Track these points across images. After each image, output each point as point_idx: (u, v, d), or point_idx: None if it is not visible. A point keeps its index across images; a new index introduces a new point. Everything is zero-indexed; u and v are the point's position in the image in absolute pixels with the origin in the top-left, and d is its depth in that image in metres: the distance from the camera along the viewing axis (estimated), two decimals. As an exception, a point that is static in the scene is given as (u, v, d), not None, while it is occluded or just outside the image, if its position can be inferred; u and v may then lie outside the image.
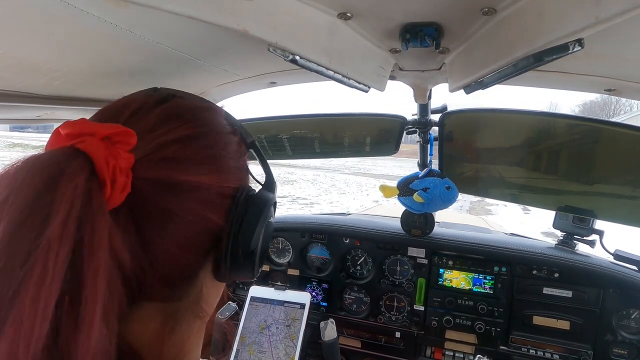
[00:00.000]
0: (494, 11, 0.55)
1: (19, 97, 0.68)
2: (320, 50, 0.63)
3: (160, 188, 0.37)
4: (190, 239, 0.40)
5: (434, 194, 1.23)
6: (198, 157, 0.40)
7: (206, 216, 0.40)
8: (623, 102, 35.66)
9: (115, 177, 0.32)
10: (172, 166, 0.38)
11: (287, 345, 1.09)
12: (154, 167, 0.37)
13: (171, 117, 0.41)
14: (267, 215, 0.45)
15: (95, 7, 0.48)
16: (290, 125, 1.34)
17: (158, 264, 0.38)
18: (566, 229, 1.32)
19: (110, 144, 0.33)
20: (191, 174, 0.39)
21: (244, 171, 0.47)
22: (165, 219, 0.38)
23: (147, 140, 0.37)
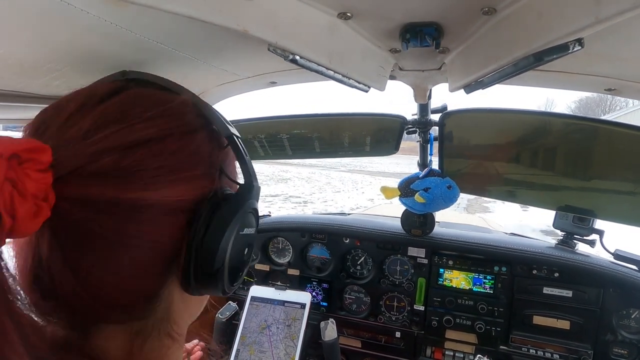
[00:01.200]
0: (494, 11, 0.55)
1: (19, 97, 0.68)
2: (320, 50, 0.63)
3: (91, 209, 0.32)
4: (136, 266, 0.34)
5: (435, 193, 1.23)
6: (144, 169, 0.33)
7: (156, 239, 0.35)
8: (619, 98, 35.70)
9: (14, 206, 0.27)
10: (107, 182, 0.32)
11: (288, 345, 1.09)
12: (82, 184, 0.31)
13: (114, 117, 0.34)
14: (238, 225, 0.38)
15: (95, 7, 0.48)
16: (290, 125, 1.34)
17: (98, 292, 0.34)
18: (566, 228, 1.32)
19: (17, 164, 0.28)
20: (133, 190, 0.33)
21: (214, 173, 0.40)
22: (101, 247, 0.33)
23: (77, 151, 0.32)
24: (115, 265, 0.34)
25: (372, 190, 13.51)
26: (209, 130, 0.41)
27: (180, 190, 0.36)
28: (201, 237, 0.36)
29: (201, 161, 0.38)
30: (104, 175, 0.32)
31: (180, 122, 0.38)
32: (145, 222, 0.34)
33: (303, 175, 17.58)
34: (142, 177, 0.33)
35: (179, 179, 0.36)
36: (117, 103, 0.36)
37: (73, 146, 0.32)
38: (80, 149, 0.32)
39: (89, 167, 0.32)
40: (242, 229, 0.40)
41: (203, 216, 0.37)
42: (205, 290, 0.39)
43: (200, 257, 0.36)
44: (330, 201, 11.35)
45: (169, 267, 0.37)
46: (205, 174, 0.39)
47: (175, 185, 0.35)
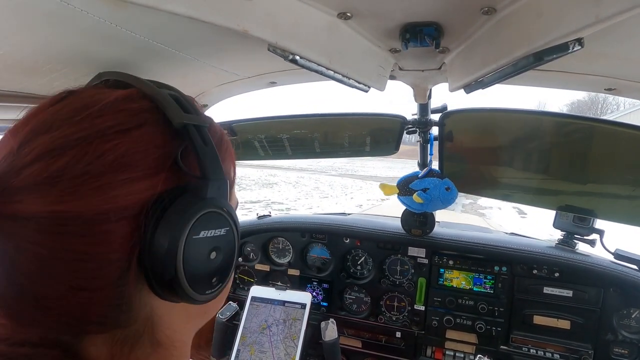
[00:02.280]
0: (494, 11, 0.55)
1: (19, 97, 0.68)
2: (320, 50, 0.63)
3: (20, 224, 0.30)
4: (79, 277, 0.32)
5: (433, 194, 1.23)
6: (67, 177, 0.31)
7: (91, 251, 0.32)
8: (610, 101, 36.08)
9: None
10: (32, 195, 0.30)
11: (288, 345, 1.09)
12: (10, 200, 0.30)
13: (44, 127, 0.33)
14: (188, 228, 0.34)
15: (95, 7, 0.48)
16: (290, 125, 1.34)
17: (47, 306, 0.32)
18: (566, 228, 1.32)
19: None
20: (56, 203, 0.30)
21: (163, 170, 0.35)
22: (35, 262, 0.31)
23: (6, 168, 0.31)
24: (54, 278, 0.32)
25: (362, 196, 13.18)
26: (159, 124, 0.37)
27: (111, 196, 0.32)
28: (148, 245, 0.34)
29: (139, 161, 0.34)
30: (27, 189, 0.30)
31: (113, 122, 0.34)
32: (73, 234, 0.31)
33: (291, 180, 17.20)
34: (65, 186, 0.31)
35: (107, 184, 0.32)
36: (49, 113, 0.34)
37: (3, 164, 0.31)
38: (9, 166, 0.31)
39: (13, 182, 0.30)
40: (197, 232, 0.35)
41: (147, 221, 0.34)
42: (176, 299, 0.36)
43: (151, 266, 0.34)
44: (316, 207, 10.89)
45: (125, 276, 0.34)
46: (148, 174, 0.34)
47: (104, 191, 0.32)
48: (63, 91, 0.38)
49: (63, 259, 0.31)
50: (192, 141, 0.37)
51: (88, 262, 0.32)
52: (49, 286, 0.32)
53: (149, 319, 0.37)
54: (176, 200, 0.35)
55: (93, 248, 0.32)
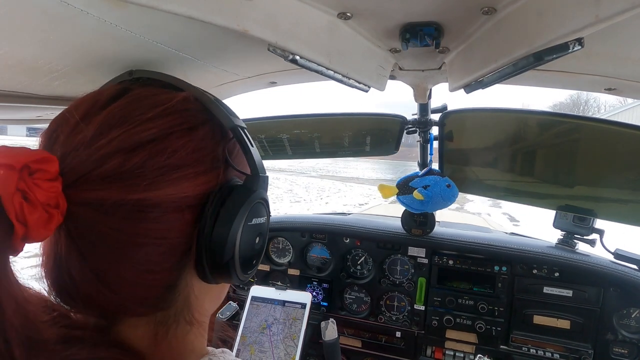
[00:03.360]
0: (494, 10, 0.55)
1: (19, 97, 0.68)
2: (320, 50, 0.63)
3: (100, 211, 0.33)
4: (150, 261, 0.36)
5: (434, 191, 1.23)
6: (146, 169, 0.35)
7: (164, 236, 0.36)
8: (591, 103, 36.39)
9: (25, 215, 0.29)
10: (112, 184, 0.33)
11: (288, 345, 1.09)
12: (90, 189, 0.33)
13: (116, 122, 0.36)
14: (245, 216, 0.39)
15: (95, 7, 0.48)
16: (290, 125, 1.34)
17: (117, 288, 0.36)
18: (566, 228, 1.32)
19: (28, 175, 0.30)
20: (137, 192, 0.34)
21: (219, 166, 0.40)
22: (114, 246, 0.34)
23: (83, 157, 0.33)
24: (129, 262, 0.35)
25: (339, 199, 12.14)
26: (212, 124, 0.41)
27: (184, 187, 0.36)
28: (210, 231, 0.37)
29: (204, 157, 0.39)
30: (108, 179, 0.33)
31: (181, 120, 0.38)
32: (152, 220, 0.35)
33: (264, 182, 16.65)
34: (145, 178, 0.34)
35: (182, 177, 0.36)
36: (118, 107, 0.37)
37: (79, 153, 0.34)
38: (86, 156, 0.34)
39: (94, 172, 0.33)
40: (250, 220, 0.40)
41: (210, 210, 0.38)
42: (221, 279, 0.41)
43: (210, 250, 0.38)
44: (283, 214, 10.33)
45: (183, 260, 0.38)
46: (209, 169, 0.39)
47: (178, 183, 0.36)
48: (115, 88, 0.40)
49: (141, 243, 0.35)
50: (240, 141, 0.42)
51: (160, 247, 0.36)
52: (125, 270, 0.35)
53: (187, 299, 0.41)
54: (232, 192, 0.39)
55: (166, 233, 0.36)
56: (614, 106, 23.12)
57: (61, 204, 0.32)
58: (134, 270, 0.36)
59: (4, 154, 0.30)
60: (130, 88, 0.40)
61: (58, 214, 0.32)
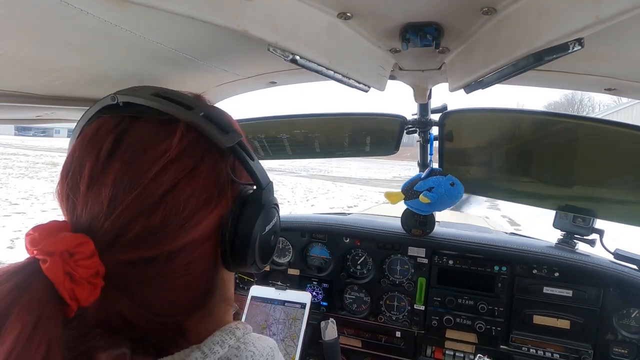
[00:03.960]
0: (494, 11, 0.55)
1: (19, 97, 0.68)
2: (320, 50, 0.63)
3: (138, 266, 0.38)
4: (188, 284, 0.42)
5: (439, 192, 1.22)
6: (168, 227, 0.38)
7: (197, 263, 0.41)
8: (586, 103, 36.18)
9: (76, 295, 0.35)
10: (142, 246, 0.38)
11: (288, 345, 1.09)
12: (123, 252, 0.37)
13: (125, 185, 0.38)
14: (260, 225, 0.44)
15: (95, 7, 0.48)
16: (290, 125, 1.34)
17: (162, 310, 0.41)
18: (566, 228, 1.32)
19: (69, 257, 0.35)
20: (165, 246, 0.38)
21: (227, 187, 0.43)
22: (155, 286, 0.40)
23: (108, 228, 0.37)
24: (171, 292, 0.41)
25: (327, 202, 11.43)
26: (211, 151, 0.42)
27: (204, 225, 0.41)
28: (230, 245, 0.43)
29: (212, 192, 0.42)
30: (136, 243, 0.37)
31: (183, 166, 0.40)
32: (183, 259, 0.40)
33: (250, 182, 15.93)
34: (169, 234, 0.38)
35: (200, 218, 0.40)
36: (122, 168, 0.38)
37: (102, 222, 0.37)
38: (110, 226, 0.37)
39: (121, 240, 0.37)
40: (264, 229, 0.45)
41: (227, 230, 0.42)
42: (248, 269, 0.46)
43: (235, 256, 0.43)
44: None
45: (214, 269, 0.44)
46: (219, 197, 0.42)
47: (198, 224, 0.40)
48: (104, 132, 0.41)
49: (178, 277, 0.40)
50: (240, 159, 0.44)
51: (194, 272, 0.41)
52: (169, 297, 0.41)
53: (221, 289, 0.47)
54: (244, 209, 0.43)
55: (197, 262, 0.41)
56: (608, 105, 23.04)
57: (100, 270, 0.36)
58: (175, 295, 0.41)
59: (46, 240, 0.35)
60: (123, 133, 0.40)
61: (99, 279, 0.36)
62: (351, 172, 22.52)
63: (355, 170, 24.55)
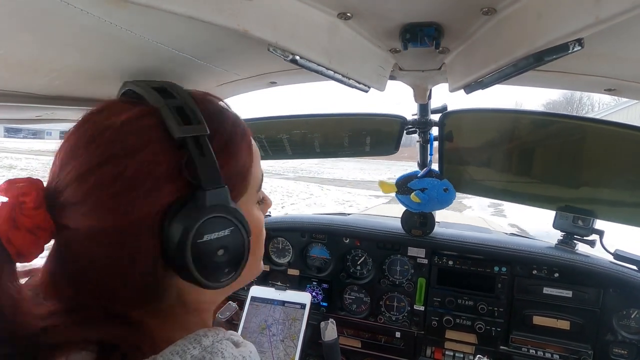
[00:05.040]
0: (494, 11, 0.55)
1: (19, 97, 0.68)
2: (320, 50, 0.63)
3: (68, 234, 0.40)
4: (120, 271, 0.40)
5: (431, 195, 1.24)
6: (94, 196, 0.38)
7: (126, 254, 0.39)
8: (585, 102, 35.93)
9: (10, 238, 0.37)
10: (70, 210, 0.39)
11: (288, 346, 1.09)
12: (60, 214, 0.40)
13: (80, 144, 0.41)
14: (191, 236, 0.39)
15: (95, 7, 0.48)
16: (290, 125, 1.34)
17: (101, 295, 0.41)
18: (566, 228, 1.32)
19: (18, 204, 0.38)
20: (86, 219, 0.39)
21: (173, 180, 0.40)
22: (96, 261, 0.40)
23: (57, 185, 0.40)
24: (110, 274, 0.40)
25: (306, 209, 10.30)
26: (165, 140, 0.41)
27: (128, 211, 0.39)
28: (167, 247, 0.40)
29: (147, 179, 0.39)
30: (69, 205, 0.39)
31: (122, 145, 0.40)
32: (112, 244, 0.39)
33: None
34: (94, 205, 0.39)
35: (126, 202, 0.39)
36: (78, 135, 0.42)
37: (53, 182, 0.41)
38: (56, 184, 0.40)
39: (61, 199, 0.39)
40: (202, 237, 0.40)
41: (166, 228, 0.39)
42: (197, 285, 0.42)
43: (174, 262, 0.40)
44: None
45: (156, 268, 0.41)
46: (156, 187, 0.39)
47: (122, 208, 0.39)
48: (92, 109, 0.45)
49: (108, 261, 0.40)
50: (189, 153, 0.40)
51: (124, 263, 0.40)
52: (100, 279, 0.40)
53: (180, 295, 0.44)
54: (180, 211, 0.39)
55: (126, 252, 0.39)
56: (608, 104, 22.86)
57: (45, 226, 0.39)
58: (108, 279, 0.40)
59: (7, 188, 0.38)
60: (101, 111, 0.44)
61: (44, 234, 0.39)
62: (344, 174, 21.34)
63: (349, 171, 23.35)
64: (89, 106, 0.80)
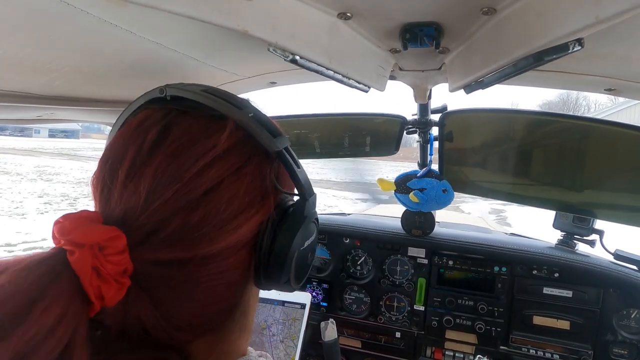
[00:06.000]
0: (494, 11, 0.55)
1: (19, 97, 0.68)
2: (320, 50, 0.63)
3: (169, 268, 0.35)
4: (215, 296, 0.39)
5: (430, 195, 1.24)
6: (207, 227, 0.36)
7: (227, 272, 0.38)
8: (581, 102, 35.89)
9: (102, 293, 0.32)
10: (178, 245, 0.35)
11: (288, 346, 1.09)
12: (155, 250, 0.35)
13: (167, 178, 0.35)
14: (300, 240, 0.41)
15: (95, 7, 0.48)
16: (290, 125, 1.34)
17: (185, 326, 0.38)
18: (566, 228, 1.32)
19: (99, 251, 0.32)
20: (201, 248, 0.36)
21: (270, 195, 0.40)
22: (182, 292, 0.37)
23: (143, 221, 0.34)
24: (197, 301, 0.38)
25: None
26: (258, 154, 0.40)
27: (244, 230, 0.38)
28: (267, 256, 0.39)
29: (255, 196, 0.39)
30: (171, 241, 0.35)
31: (229, 165, 0.38)
32: (215, 266, 0.37)
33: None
34: (207, 235, 0.36)
35: (241, 222, 0.38)
36: (165, 160, 0.36)
37: (138, 216, 0.34)
38: (145, 219, 0.34)
39: (156, 237, 0.34)
40: (305, 241, 0.42)
41: (265, 239, 0.39)
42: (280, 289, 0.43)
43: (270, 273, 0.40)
44: None
45: (242, 283, 0.41)
46: (261, 205, 0.39)
47: (238, 228, 0.37)
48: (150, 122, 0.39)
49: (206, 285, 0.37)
50: (286, 165, 0.41)
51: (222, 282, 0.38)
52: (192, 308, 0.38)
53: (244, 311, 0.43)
54: (285, 219, 0.41)
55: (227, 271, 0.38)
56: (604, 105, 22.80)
57: (128, 269, 0.34)
58: (200, 306, 0.38)
59: (77, 230, 0.32)
60: (169, 125, 0.38)
61: (127, 278, 0.34)
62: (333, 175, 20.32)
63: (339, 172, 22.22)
64: (89, 106, 0.81)
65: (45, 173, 12.76)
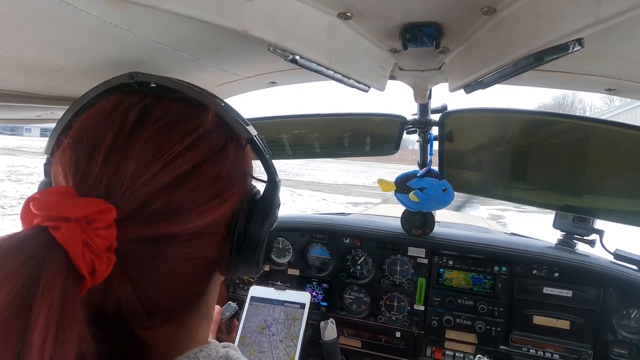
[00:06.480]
0: (494, 11, 0.55)
1: (19, 97, 0.68)
2: (320, 50, 0.63)
3: (152, 244, 0.35)
4: (192, 276, 0.40)
5: (430, 194, 1.24)
6: (193, 203, 0.36)
7: (206, 253, 0.39)
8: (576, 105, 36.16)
9: (95, 268, 0.31)
10: (164, 221, 0.35)
11: (287, 345, 1.09)
12: (141, 227, 0.34)
13: (152, 155, 0.35)
14: (270, 222, 0.43)
15: (95, 7, 0.48)
16: (290, 125, 1.34)
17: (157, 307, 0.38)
18: (566, 228, 1.32)
19: (87, 225, 0.31)
20: (187, 222, 0.36)
21: (245, 178, 0.43)
22: (164, 271, 0.37)
23: (128, 196, 0.34)
24: (175, 282, 0.38)
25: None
26: (234, 140, 0.42)
27: (225, 207, 0.39)
28: (241, 240, 0.41)
29: (236, 177, 0.41)
30: (157, 217, 0.35)
31: (211, 145, 0.39)
32: (199, 243, 0.38)
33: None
34: (193, 211, 0.36)
35: (223, 202, 0.39)
36: (149, 137, 0.36)
37: (124, 193, 0.34)
38: (130, 195, 0.34)
39: (142, 213, 0.34)
40: (273, 224, 0.44)
41: (240, 221, 0.41)
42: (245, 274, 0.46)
43: (242, 255, 0.41)
44: None
45: (215, 267, 0.42)
46: (239, 183, 0.42)
47: (220, 207, 0.39)
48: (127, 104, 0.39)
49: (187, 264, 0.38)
50: (257, 152, 0.44)
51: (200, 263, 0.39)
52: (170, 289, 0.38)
53: (208, 298, 0.44)
54: (259, 203, 0.43)
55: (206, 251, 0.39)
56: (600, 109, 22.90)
57: (113, 245, 0.33)
58: (176, 288, 0.38)
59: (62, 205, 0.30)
60: (149, 107, 0.39)
61: (113, 255, 0.33)
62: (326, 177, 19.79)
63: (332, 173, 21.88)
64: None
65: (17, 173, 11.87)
